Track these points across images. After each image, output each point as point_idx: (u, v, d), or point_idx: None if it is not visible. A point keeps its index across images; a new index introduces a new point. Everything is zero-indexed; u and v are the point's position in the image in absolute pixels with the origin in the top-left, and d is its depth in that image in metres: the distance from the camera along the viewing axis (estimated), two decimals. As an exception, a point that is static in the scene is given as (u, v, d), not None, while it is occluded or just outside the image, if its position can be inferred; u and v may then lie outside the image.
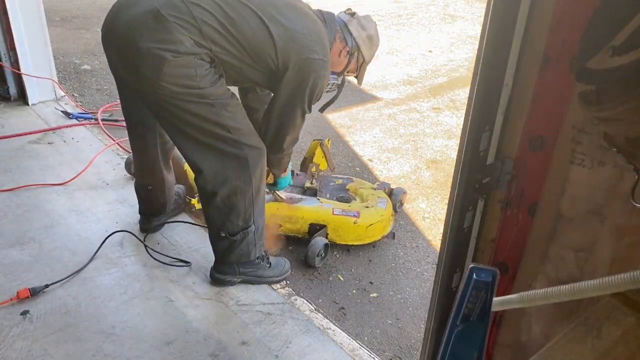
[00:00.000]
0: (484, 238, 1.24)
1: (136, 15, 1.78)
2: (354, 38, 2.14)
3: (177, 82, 1.79)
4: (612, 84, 0.83)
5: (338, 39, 2.13)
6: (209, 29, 1.79)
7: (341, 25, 2.14)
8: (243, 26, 1.83)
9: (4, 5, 3.40)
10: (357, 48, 2.16)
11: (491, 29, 0.99)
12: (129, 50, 1.80)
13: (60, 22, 6.11)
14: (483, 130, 1.09)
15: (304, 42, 1.91)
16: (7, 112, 3.63)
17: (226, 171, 1.99)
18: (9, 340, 1.87)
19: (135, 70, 1.81)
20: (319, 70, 1.96)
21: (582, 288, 0.80)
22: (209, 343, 1.94)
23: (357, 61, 2.21)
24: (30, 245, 2.36)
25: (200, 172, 1.99)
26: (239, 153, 1.97)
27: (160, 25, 1.74)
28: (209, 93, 1.84)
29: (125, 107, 2.18)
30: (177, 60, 1.75)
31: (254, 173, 2.01)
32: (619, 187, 0.98)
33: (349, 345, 2.01)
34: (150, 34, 1.75)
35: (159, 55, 1.74)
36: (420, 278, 2.51)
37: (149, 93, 1.85)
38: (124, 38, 1.81)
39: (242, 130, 1.96)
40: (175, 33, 1.74)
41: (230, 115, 1.91)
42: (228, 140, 1.94)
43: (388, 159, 3.67)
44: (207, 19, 1.78)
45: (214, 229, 2.12)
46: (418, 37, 6.78)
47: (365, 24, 2.18)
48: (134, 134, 2.25)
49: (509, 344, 1.29)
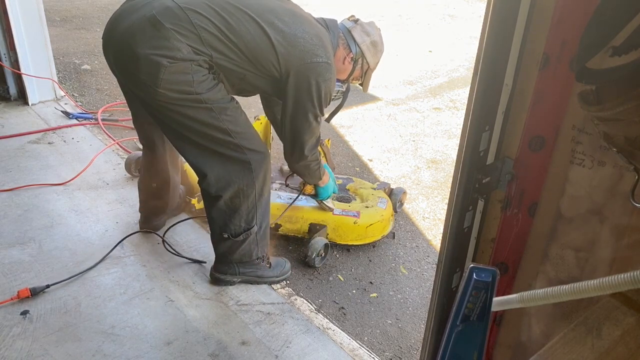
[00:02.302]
0: (484, 238, 1.24)
1: (134, 23, 1.78)
2: (357, 44, 2.12)
3: (174, 88, 1.79)
4: (612, 84, 0.83)
5: (341, 46, 2.11)
6: (209, 36, 1.79)
7: (344, 32, 2.12)
8: (242, 32, 1.83)
9: (4, 5, 3.40)
10: (361, 54, 2.15)
11: (491, 29, 0.99)
12: (126, 57, 1.80)
13: (60, 22, 6.11)
14: (483, 130, 1.09)
15: (306, 46, 1.90)
16: (7, 112, 3.63)
17: (229, 175, 1.99)
18: (9, 340, 1.87)
19: (133, 77, 1.82)
20: (323, 73, 1.94)
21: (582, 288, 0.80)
22: (209, 343, 1.94)
23: (361, 68, 2.19)
24: (30, 245, 2.36)
25: (205, 176, 1.99)
26: (241, 157, 1.97)
27: (157, 32, 1.75)
28: (206, 98, 1.84)
29: (131, 106, 2.19)
30: (174, 67, 1.76)
31: (257, 176, 2.01)
32: (619, 187, 0.98)
33: (349, 345, 2.01)
34: (147, 40, 1.75)
35: (156, 62, 1.74)
36: (420, 278, 2.51)
37: (148, 99, 1.85)
38: (122, 45, 1.81)
39: (243, 133, 1.96)
40: (172, 40, 1.75)
41: (230, 119, 1.91)
42: (230, 144, 1.93)
43: (388, 159, 3.67)
44: (205, 25, 1.79)
45: (217, 230, 2.12)
46: (418, 37, 6.78)
47: (369, 30, 2.16)
48: (142, 134, 2.26)
49: (509, 344, 1.29)
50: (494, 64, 1.03)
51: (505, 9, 0.99)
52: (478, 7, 8.51)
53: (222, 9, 1.83)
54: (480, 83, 1.03)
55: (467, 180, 1.11)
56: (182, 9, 1.78)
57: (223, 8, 1.83)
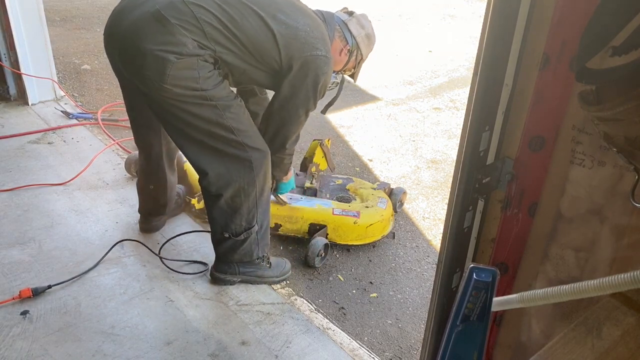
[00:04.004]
0: (484, 238, 1.24)
1: (138, 18, 1.78)
2: (354, 37, 2.16)
3: (181, 84, 1.79)
4: (612, 84, 0.83)
5: (338, 38, 2.14)
6: (212, 30, 1.79)
7: (340, 24, 2.15)
8: (245, 26, 1.84)
9: (4, 5, 3.40)
10: (356, 46, 2.18)
11: (491, 29, 0.99)
12: (131, 53, 1.80)
13: (60, 22, 6.11)
14: (483, 130, 1.09)
15: (307, 39, 1.92)
16: (7, 112, 3.63)
17: (230, 173, 1.99)
18: (9, 340, 1.87)
19: (139, 73, 1.81)
20: (322, 66, 1.96)
21: (582, 288, 0.80)
22: (209, 343, 1.94)
23: (355, 59, 2.22)
24: (30, 245, 2.36)
25: (205, 174, 2.00)
26: (242, 155, 1.97)
27: (162, 28, 1.75)
28: (212, 95, 1.84)
29: (129, 108, 2.18)
30: (181, 62, 1.76)
31: (257, 175, 2.02)
32: (619, 187, 0.98)
33: (349, 345, 2.01)
34: (152, 36, 1.75)
35: (162, 57, 1.74)
36: (420, 278, 2.51)
37: (153, 95, 1.85)
38: (127, 41, 1.81)
39: (246, 132, 1.96)
40: (178, 35, 1.75)
41: (233, 116, 1.91)
42: (232, 142, 1.94)
43: (388, 159, 3.67)
44: (209, 19, 1.79)
45: (218, 229, 2.12)
46: (418, 37, 6.78)
47: (364, 23, 2.20)
48: (139, 135, 2.26)
49: (509, 344, 1.29)
50: (494, 64, 1.03)
51: (505, 9, 0.99)
52: (478, 7, 8.51)
53: (225, 2, 1.83)
54: (480, 83, 1.03)
55: (467, 180, 1.11)
56: (186, 3, 1.78)
57: (226, 1, 1.83)
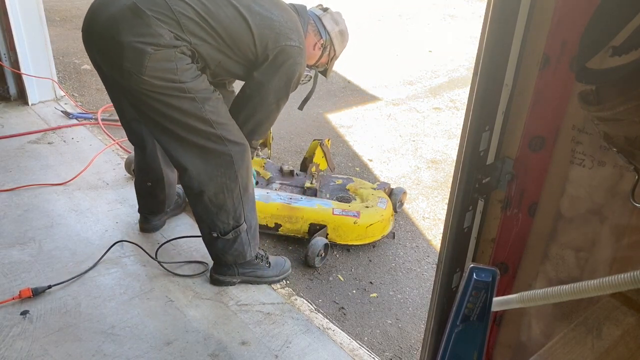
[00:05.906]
0: (484, 238, 1.24)
1: (115, 12, 1.79)
2: (327, 32, 2.18)
3: (159, 76, 1.79)
4: (612, 84, 0.83)
5: (311, 31, 2.15)
6: (187, 21, 1.80)
7: (314, 19, 2.18)
8: (220, 16, 1.85)
9: (4, 5, 3.40)
10: (330, 42, 2.20)
11: (491, 29, 0.99)
12: (110, 46, 1.81)
13: (60, 22, 6.11)
14: (483, 130, 1.09)
15: (281, 29, 1.94)
16: (7, 112, 3.63)
17: (211, 168, 1.98)
18: (8, 340, 1.87)
19: (118, 66, 1.81)
20: (295, 56, 1.98)
21: (582, 288, 0.80)
22: (209, 343, 1.94)
23: (328, 55, 2.24)
24: (30, 245, 2.36)
25: (185, 170, 1.99)
26: (222, 149, 1.96)
27: (139, 20, 1.76)
28: (190, 87, 1.85)
29: (116, 105, 2.19)
30: (158, 54, 1.76)
31: (239, 170, 2.01)
32: (619, 187, 0.98)
33: (349, 345, 2.01)
34: (130, 28, 1.76)
35: (140, 49, 1.75)
36: (420, 278, 2.51)
37: (132, 88, 1.85)
38: (105, 35, 1.82)
39: (225, 125, 1.96)
40: (155, 27, 1.76)
41: (212, 109, 1.91)
42: (211, 135, 1.93)
43: (388, 159, 3.67)
44: (185, 11, 1.80)
45: (206, 229, 2.11)
46: (418, 37, 6.78)
47: (338, 19, 2.22)
48: (130, 131, 2.26)
49: (509, 344, 1.29)
50: (494, 64, 1.03)
51: (505, 9, 0.99)
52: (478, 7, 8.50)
53: None
54: (480, 83, 1.03)
55: (467, 180, 1.11)
56: None
57: None
